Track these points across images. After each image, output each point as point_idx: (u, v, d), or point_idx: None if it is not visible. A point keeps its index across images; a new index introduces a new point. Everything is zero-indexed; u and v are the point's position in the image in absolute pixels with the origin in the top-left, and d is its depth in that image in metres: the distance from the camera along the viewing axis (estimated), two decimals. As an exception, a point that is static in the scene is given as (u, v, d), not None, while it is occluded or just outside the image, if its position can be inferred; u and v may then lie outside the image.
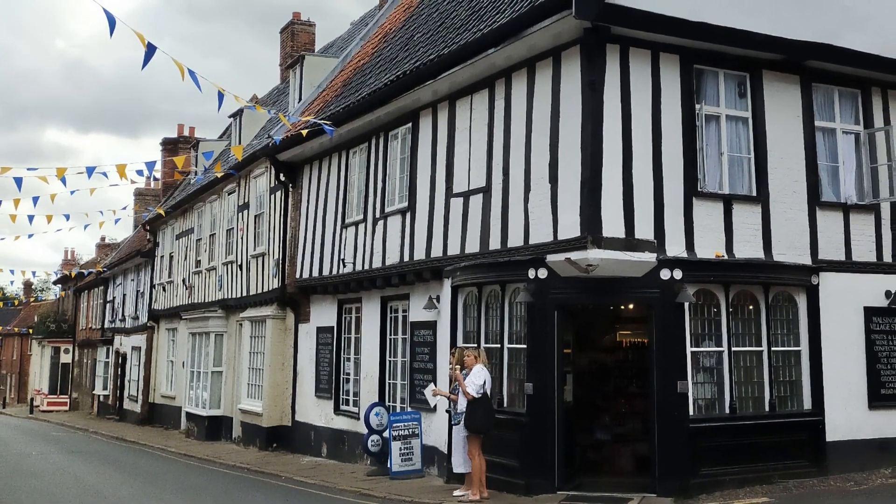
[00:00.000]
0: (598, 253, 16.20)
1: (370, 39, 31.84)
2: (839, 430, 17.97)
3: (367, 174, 24.31)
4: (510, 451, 17.23)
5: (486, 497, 16.69)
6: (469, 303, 19.29)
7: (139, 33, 14.60)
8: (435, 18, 24.68)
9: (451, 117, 20.66)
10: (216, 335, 34.57)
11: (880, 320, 18.95)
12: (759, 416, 17.35)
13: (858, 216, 19.07)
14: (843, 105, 19.41)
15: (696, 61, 17.62)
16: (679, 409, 16.42)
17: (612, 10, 16.10)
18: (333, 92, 29.26)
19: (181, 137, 51.17)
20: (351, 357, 25.39)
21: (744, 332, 17.59)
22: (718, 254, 17.30)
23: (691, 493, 16.01)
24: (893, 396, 18.81)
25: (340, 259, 25.06)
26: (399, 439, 20.56)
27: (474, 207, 19.41)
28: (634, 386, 19.80)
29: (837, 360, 18.18)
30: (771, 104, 18.33)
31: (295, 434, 28.23)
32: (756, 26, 17.38)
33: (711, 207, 17.46)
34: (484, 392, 16.75)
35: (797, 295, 18.14)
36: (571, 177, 16.77)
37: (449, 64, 19.67)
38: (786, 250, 18.04)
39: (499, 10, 19.18)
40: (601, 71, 16.68)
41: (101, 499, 19.79)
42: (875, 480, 17.26)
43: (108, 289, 58.72)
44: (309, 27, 42.21)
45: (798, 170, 18.47)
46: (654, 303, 16.73)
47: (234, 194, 34.44)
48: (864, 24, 18.64)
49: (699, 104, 17.58)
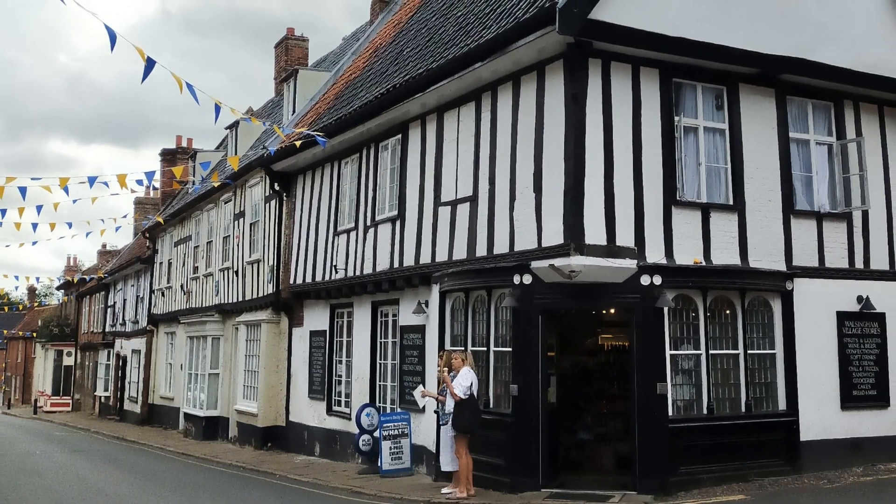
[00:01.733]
0: (581, 259, 16.16)
1: (361, 54, 31.77)
2: (813, 430, 17.96)
3: (359, 184, 24.26)
4: (496, 450, 17.17)
5: (472, 494, 16.61)
6: (456, 307, 19.21)
7: (139, 48, 14.51)
8: (424, 34, 24.65)
9: (440, 129, 20.62)
10: (213, 339, 34.44)
11: (852, 324, 18.96)
12: (735, 416, 17.31)
13: (831, 224, 19.07)
14: (816, 117, 19.41)
15: (675, 75, 17.60)
16: (658, 409, 16.38)
17: (594, 25, 16.09)
18: (326, 104, 29.19)
19: (179, 148, 51.00)
20: (343, 360, 25.32)
21: (721, 335, 17.54)
22: (696, 260, 17.27)
23: (670, 490, 15.95)
24: (865, 398, 18.83)
25: (333, 265, 25.03)
26: (389, 439, 20.53)
27: (461, 216, 19.36)
28: (615, 387, 19.75)
29: (811, 362, 18.17)
30: (747, 116, 18.32)
31: (289, 434, 28.15)
32: (733, 41, 17.40)
33: (690, 215, 17.43)
34: (471, 393, 16.69)
35: (772, 300, 18.11)
36: (555, 186, 16.73)
37: (437, 77, 19.64)
38: (761, 257, 18.02)
39: (485, 26, 19.17)
40: (584, 84, 16.65)
41: (103, 496, 19.67)
42: (847, 479, 17.22)
43: (108, 294, 58.55)
44: (302, 42, 42.21)
45: (773, 179, 18.46)
46: (635, 307, 16.69)
47: (231, 203, 34.35)
48: (836, 40, 18.65)
49: (678, 116, 17.54)
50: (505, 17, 18.32)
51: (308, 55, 42.47)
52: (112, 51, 14.12)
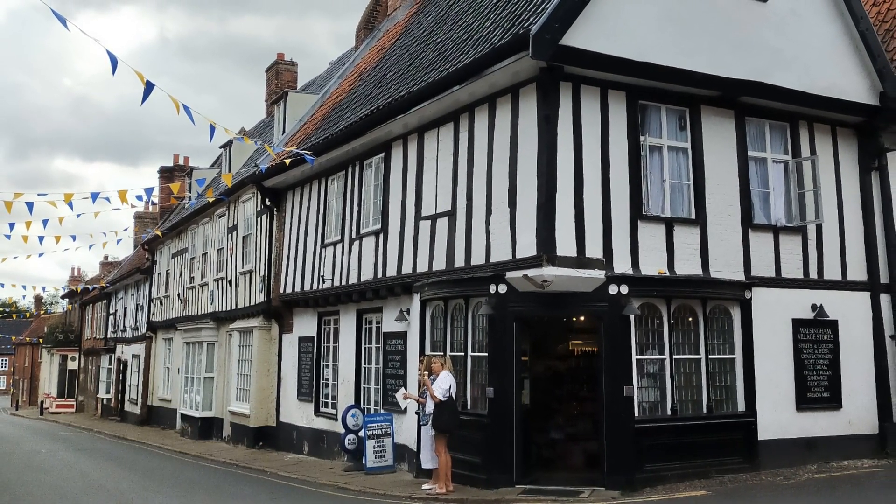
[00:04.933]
0: (553, 270, 16.09)
1: (347, 77, 31.67)
2: (770, 429, 17.90)
3: (344, 199, 24.14)
4: (473, 448, 17.08)
5: (451, 490, 16.53)
6: (436, 315, 19.11)
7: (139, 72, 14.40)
8: (405, 59, 24.56)
9: (420, 148, 20.52)
10: (208, 344, 34.27)
11: (807, 331, 18.92)
12: (697, 417, 17.23)
13: (787, 237, 19.03)
14: (773, 137, 19.37)
15: (641, 97, 17.54)
16: (625, 411, 16.30)
17: (565, 51, 16.06)
18: (314, 125, 29.08)
19: (177, 166, 50.94)
20: (330, 364, 25.19)
21: (684, 341, 17.45)
22: (661, 271, 17.21)
23: (636, 486, 15.90)
24: (819, 400, 18.80)
25: (320, 276, 24.91)
26: (373, 438, 20.46)
27: (441, 229, 19.26)
28: (585, 390, 19.63)
29: (768, 366, 18.12)
30: (708, 136, 18.27)
31: (279, 433, 27.99)
32: (695, 66, 17.38)
33: (655, 229, 17.36)
34: (449, 395, 16.64)
35: (732, 308, 18.04)
36: (528, 201, 16.63)
37: (418, 100, 19.56)
38: (722, 268, 17.96)
39: (463, 52, 19.10)
40: (555, 106, 16.58)
41: (105, 492, 19.58)
42: (802, 475, 17.17)
43: (110, 302, 58.30)
44: (292, 66, 42.14)
45: (733, 195, 18.41)
46: (603, 315, 16.61)
47: (225, 217, 34.19)
48: (791, 64, 18.67)
49: (643, 136, 17.46)
50: (481, 44, 18.26)
51: (297, 79, 42.40)
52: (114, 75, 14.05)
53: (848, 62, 19.60)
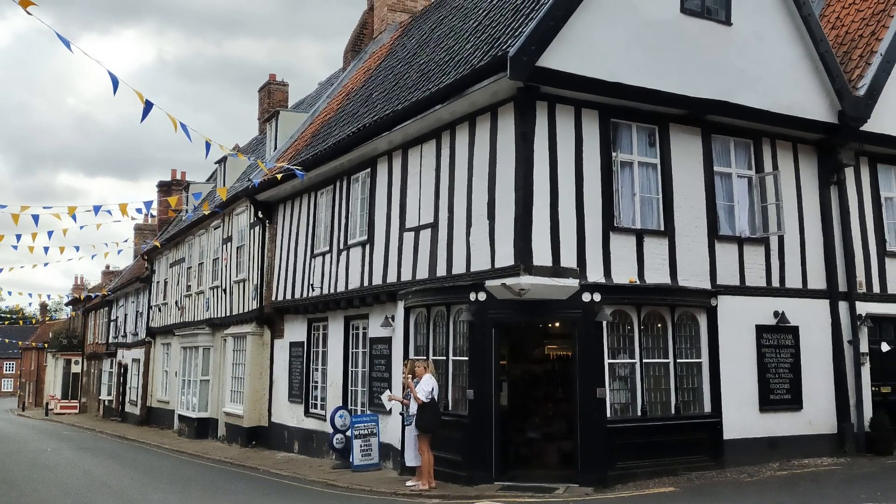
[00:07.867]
0: (530, 279, 16.03)
1: (335, 97, 31.59)
2: (734, 429, 17.90)
3: (333, 212, 24.04)
4: (454, 447, 17.04)
5: (434, 486, 16.53)
6: (419, 321, 19.04)
7: (139, 92, 14.26)
8: (390, 79, 24.50)
9: (404, 163, 20.45)
10: (204, 349, 34.05)
11: (769, 336, 18.94)
12: (666, 417, 17.20)
13: (751, 248, 19.03)
14: (737, 153, 19.37)
15: (613, 116, 17.51)
16: (598, 411, 16.27)
17: (541, 72, 16.04)
18: (304, 142, 28.96)
19: (174, 181, 50.74)
20: (319, 367, 25.05)
21: (653, 346, 17.42)
22: (632, 280, 17.17)
23: (609, 483, 15.88)
24: (781, 401, 18.82)
25: (310, 284, 24.80)
26: (360, 438, 20.36)
27: (424, 240, 19.18)
28: (560, 392, 19.56)
29: (733, 370, 18.12)
30: (676, 152, 18.26)
31: (271, 433, 27.84)
32: (664, 86, 17.40)
33: (626, 240, 17.32)
34: (432, 397, 16.62)
35: (699, 315, 18.02)
36: (507, 214, 16.57)
37: (402, 118, 19.50)
38: (689, 277, 17.93)
39: (444, 73, 19.05)
40: (532, 124, 16.54)
41: (106, 488, 19.43)
42: (765, 473, 17.21)
43: (111, 309, 57.97)
44: (283, 87, 41.96)
45: (699, 208, 18.40)
46: (577, 321, 16.57)
47: (219, 229, 33.98)
48: (755, 84, 18.68)
49: (615, 152, 17.47)
50: (462, 65, 18.21)
51: (288, 98, 42.22)
52: (115, 94, 13.90)
53: (808, 82, 19.63)
